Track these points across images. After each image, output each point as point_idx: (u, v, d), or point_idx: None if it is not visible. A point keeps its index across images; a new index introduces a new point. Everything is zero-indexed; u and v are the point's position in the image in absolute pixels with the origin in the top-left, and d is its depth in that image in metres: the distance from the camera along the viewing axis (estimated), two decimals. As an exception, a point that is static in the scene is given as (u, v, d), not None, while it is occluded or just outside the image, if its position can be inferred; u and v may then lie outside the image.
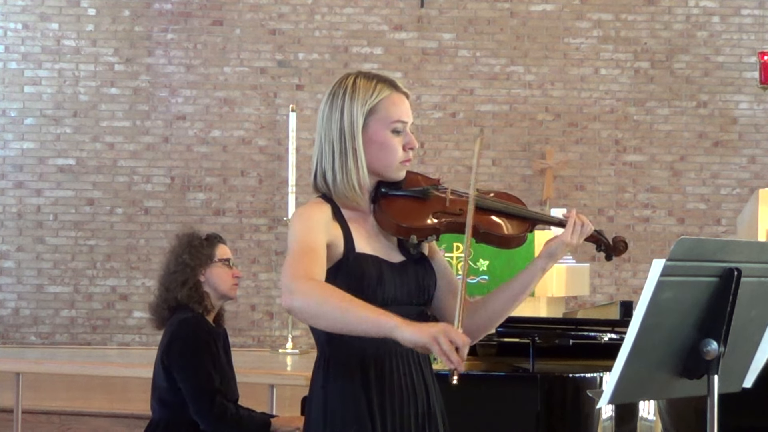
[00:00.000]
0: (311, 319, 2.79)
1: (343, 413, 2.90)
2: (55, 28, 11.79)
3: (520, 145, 11.92)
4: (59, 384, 8.30)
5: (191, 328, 4.70)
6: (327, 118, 2.99)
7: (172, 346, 4.70)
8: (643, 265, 11.38)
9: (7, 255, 11.70)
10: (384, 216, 2.97)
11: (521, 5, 11.99)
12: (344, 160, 2.96)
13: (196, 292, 4.76)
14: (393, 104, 2.99)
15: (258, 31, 11.89)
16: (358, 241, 2.95)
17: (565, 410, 4.26)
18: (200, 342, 4.67)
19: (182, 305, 4.75)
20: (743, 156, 12.03)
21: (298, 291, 2.75)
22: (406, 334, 2.65)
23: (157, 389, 4.78)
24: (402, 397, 2.93)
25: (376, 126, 2.97)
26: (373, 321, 2.70)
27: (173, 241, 4.93)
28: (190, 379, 4.64)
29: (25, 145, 11.77)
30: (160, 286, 4.85)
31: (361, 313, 2.71)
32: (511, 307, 3.08)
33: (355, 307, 2.72)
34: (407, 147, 3.00)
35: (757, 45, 11.75)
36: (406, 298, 2.95)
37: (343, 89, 2.99)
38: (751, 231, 7.52)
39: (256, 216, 11.82)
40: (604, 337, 4.46)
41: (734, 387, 2.95)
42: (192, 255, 4.79)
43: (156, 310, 4.85)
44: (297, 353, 10.97)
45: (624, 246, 3.12)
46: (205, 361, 4.64)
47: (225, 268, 4.85)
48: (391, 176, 3.00)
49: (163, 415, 4.74)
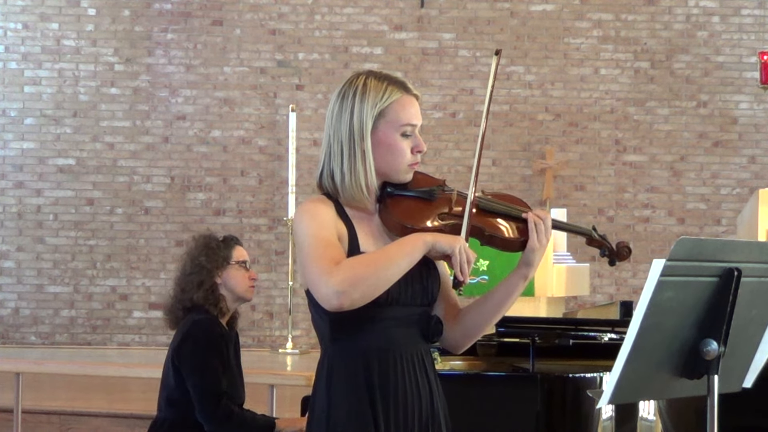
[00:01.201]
0: (366, 296, 2.82)
1: (347, 413, 2.89)
2: (55, 28, 11.79)
3: (520, 145, 11.92)
4: (59, 384, 8.30)
5: (205, 329, 4.71)
6: (336, 118, 2.98)
7: (184, 346, 4.71)
8: (643, 265, 11.37)
9: (7, 255, 11.70)
10: (389, 216, 2.97)
11: (521, 5, 11.99)
12: (353, 161, 2.95)
13: (212, 294, 4.78)
14: (403, 107, 2.99)
15: (258, 31, 11.89)
16: (363, 240, 2.95)
17: (565, 410, 4.26)
18: (212, 344, 4.68)
19: (197, 306, 4.77)
20: (743, 156, 12.03)
21: (339, 286, 2.77)
22: (438, 245, 2.86)
23: (165, 388, 4.79)
24: (406, 397, 2.93)
25: (385, 128, 2.96)
26: (407, 251, 2.84)
27: (190, 242, 4.96)
28: (198, 379, 4.64)
29: (25, 145, 11.77)
30: (175, 286, 4.87)
31: (396, 257, 2.83)
32: (494, 317, 3.07)
33: (388, 256, 2.84)
34: (415, 150, 3.01)
35: (757, 45, 11.75)
36: (410, 299, 2.95)
37: (353, 90, 2.97)
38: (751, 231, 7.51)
39: (256, 216, 11.82)
40: (604, 337, 4.46)
41: (734, 387, 2.95)
42: (209, 257, 4.82)
43: (171, 311, 4.87)
44: (297, 353, 10.96)
45: (628, 251, 3.12)
46: (215, 363, 4.65)
47: (242, 270, 4.86)
48: (398, 178, 3.00)
49: (169, 414, 4.75)
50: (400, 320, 2.92)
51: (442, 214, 2.98)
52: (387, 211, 2.97)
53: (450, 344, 3.10)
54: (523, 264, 3.02)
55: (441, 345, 3.12)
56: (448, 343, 3.10)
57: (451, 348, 3.11)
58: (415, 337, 2.97)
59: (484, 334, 3.15)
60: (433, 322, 3.00)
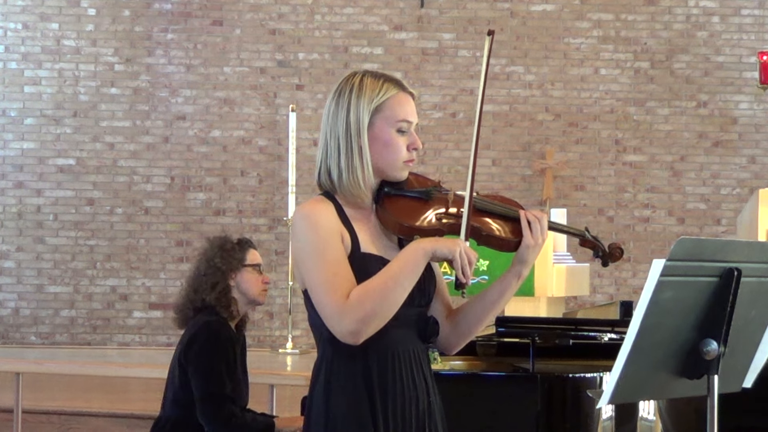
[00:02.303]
0: (379, 327, 2.86)
1: (346, 413, 2.90)
2: (55, 28, 11.79)
3: (520, 145, 11.92)
4: (59, 384, 8.29)
5: (213, 331, 4.71)
6: (333, 116, 2.99)
7: (192, 346, 4.72)
8: (643, 265, 11.37)
9: (7, 255, 11.70)
10: (387, 215, 2.98)
11: (521, 5, 11.99)
12: (350, 158, 2.96)
13: (225, 297, 4.79)
14: (399, 104, 3.00)
15: (258, 31, 11.89)
16: (363, 241, 2.95)
17: (565, 410, 4.26)
18: (220, 346, 4.68)
19: (208, 307, 4.77)
20: (743, 156, 12.03)
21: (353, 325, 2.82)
22: (438, 251, 2.88)
23: (171, 387, 4.80)
24: (404, 397, 2.94)
25: (381, 124, 2.97)
26: (411, 268, 2.87)
27: (205, 244, 4.99)
28: (203, 381, 4.65)
29: (25, 145, 11.77)
30: (188, 287, 4.88)
31: (402, 278, 2.86)
32: (488, 316, 3.08)
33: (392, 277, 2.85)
34: (411, 147, 3.01)
35: (757, 45, 11.75)
36: (408, 300, 2.94)
37: (349, 87, 2.99)
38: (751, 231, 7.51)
39: (256, 216, 11.82)
40: (604, 337, 4.46)
41: (734, 387, 2.95)
42: (224, 259, 4.83)
43: (181, 310, 4.88)
44: (297, 353, 10.96)
45: (620, 252, 3.14)
46: (220, 367, 4.65)
47: (255, 274, 4.88)
48: (394, 175, 3.00)
49: (173, 414, 4.76)
50: (398, 321, 2.92)
51: (440, 214, 2.99)
52: (384, 210, 2.98)
53: (444, 344, 3.11)
54: (517, 261, 3.02)
55: (435, 345, 3.12)
56: (441, 343, 3.11)
57: (444, 348, 3.12)
58: (412, 337, 2.98)
59: (478, 333, 3.15)
60: (430, 322, 3.01)
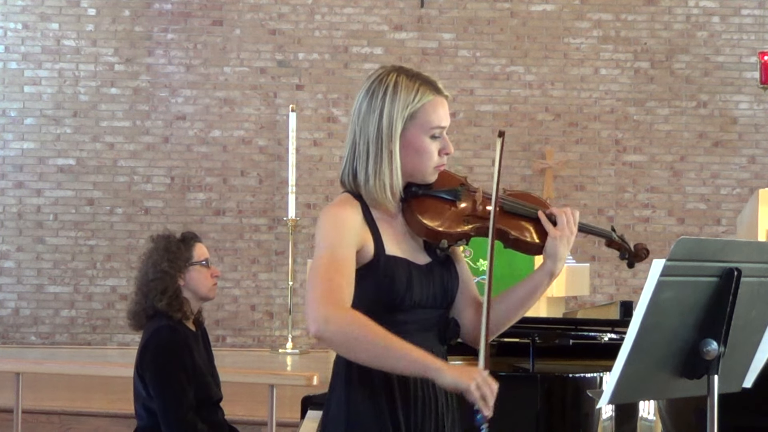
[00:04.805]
0: (345, 352, 2.76)
1: (366, 412, 2.88)
2: (55, 28, 11.78)
3: (520, 145, 11.92)
4: (59, 384, 8.29)
5: (166, 339, 4.65)
6: (365, 117, 2.89)
7: (145, 357, 4.67)
8: (643, 265, 11.31)
9: (7, 255, 11.70)
10: (414, 217, 2.91)
11: (521, 5, 11.98)
12: (379, 163, 2.87)
13: (176, 300, 4.72)
14: (434, 109, 2.90)
15: (258, 31, 11.89)
16: (388, 243, 2.90)
17: (565, 410, 4.26)
18: (174, 354, 4.61)
19: (160, 313, 4.73)
20: (743, 156, 12.03)
21: (333, 322, 2.70)
22: (448, 379, 2.73)
23: (138, 397, 4.77)
24: (424, 397, 2.92)
25: (415, 131, 2.88)
26: (415, 361, 2.72)
27: (148, 243, 4.88)
28: (161, 394, 4.60)
29: (25, 145, 11.77)
30: (138, 291, 4.80)
31: (402, 352, 2.71)
32: (517, 314, 3.04)
33: (396, 346, 2.71)
34: (443, 152, 2.94)
35: (757, 45, 11.75)
36: (430, 302, 2.92)
37: (383, 88, 2.88)
38: (751, 231, 7.51)
39: (256, 216, 11.81)
40: (604, 337, 4.46)
41: (734, 387, 2.95)
42: (170, 261, 4.74)
43: (134, 316, 4.82)
44: (297, 353, 10.96)
45: (646, 253, 3.13)
46: (179, 377, 4.58)
47: (203, 270, 4.81)
48: (423, 180, 2.94)
49: (149, 422, 4.72)
50: (419, 323, 2.90)
51: (468, 217, 2.94)
52: (411, 211, 2.92)
53: (471, 339, 3.06)
54: (546, 256, 2.96)
55: (462, 340, 3.07)
56: (469, 337, 3.06)
57: (471, 343, 3.06)
58: (432, 339, 2.95)
59: (506, 329, 3.10)
60: (451, 325, 2.98)
